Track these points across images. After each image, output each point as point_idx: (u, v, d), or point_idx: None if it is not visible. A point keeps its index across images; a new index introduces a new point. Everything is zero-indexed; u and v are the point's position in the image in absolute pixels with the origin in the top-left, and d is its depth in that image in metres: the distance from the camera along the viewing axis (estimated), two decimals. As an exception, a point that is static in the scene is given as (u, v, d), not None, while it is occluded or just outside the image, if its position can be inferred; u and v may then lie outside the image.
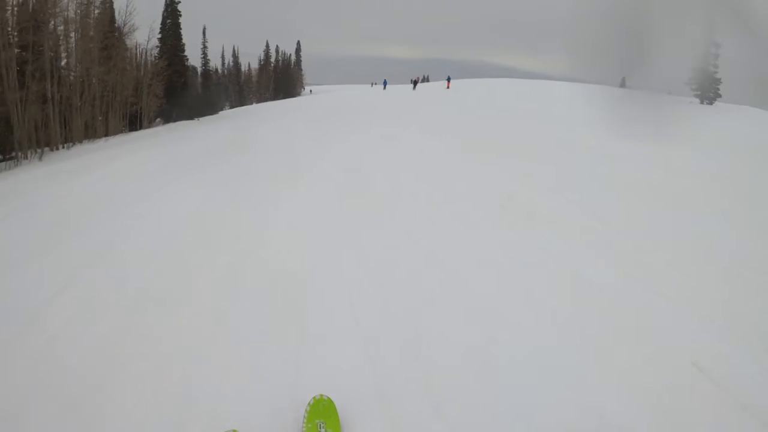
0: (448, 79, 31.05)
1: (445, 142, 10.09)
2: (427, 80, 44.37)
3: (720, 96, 20.31)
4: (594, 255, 3.98)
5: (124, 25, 22.59)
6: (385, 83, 35.26)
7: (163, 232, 4.96)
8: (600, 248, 4.13)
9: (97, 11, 21.49)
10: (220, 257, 4.10)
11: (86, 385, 2.46)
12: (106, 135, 20.45)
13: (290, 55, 50.25)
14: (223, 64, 46.52)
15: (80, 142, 18.60)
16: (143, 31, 26.22)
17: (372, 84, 44.77)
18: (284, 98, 42.08)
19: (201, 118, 25.38)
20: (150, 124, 24.79)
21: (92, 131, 19.57)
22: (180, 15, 28.49)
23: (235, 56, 47.38)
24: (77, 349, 2.78)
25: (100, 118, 20.17)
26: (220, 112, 32.34)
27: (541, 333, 2.82)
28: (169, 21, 28.44)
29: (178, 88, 25.35)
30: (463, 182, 6.66)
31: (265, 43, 49.05)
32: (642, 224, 4.82)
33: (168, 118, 25.40)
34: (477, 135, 11.48)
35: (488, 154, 8.84)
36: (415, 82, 33.36)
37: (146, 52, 24.66)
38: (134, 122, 23.63)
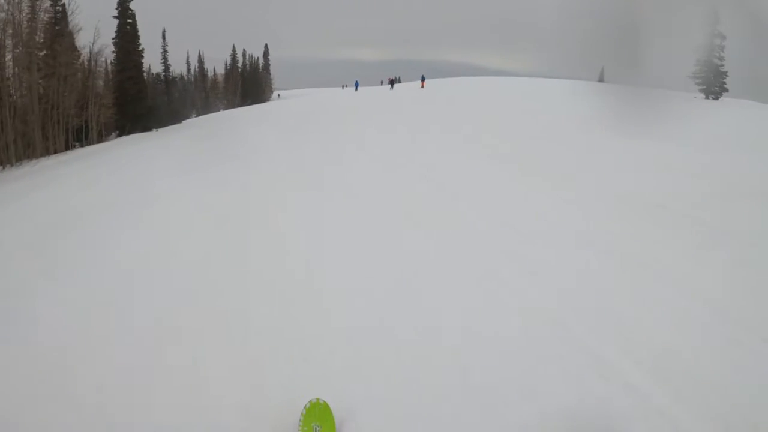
0: (423, 79, 30.26)
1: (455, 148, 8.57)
2: (399, 81, 43.01)
3: (727, 90, 19.34)
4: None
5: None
6: (356, 85, 34.52)
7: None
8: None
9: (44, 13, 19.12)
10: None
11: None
12: (47, 154, 18.01)
13: (258, 58, 48.00)
14: (188, 70, 43.86)
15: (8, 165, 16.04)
16: (88, 32, 23.42)
17: (343, 86, 43.19)
18: (253, 104, 39.91)
19: (160, 129, 23.07)
20: (103, 138, 22.27)
21: (23, 151, 16.99)
22: (132, 14, 26.02)
23: (200, 61, 44.80)
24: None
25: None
26: (184, 121, 30.08)
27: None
28: (119, 21, 25.92)
29: (131, 96, 22.86)
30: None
31: (231, 47, 46.44)
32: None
33: (122, 130, 22.90)
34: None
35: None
36: (392, 82, 32.75)
37: (92, 56, 22.08)
38: (84, 136, 21.18)
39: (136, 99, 22.88)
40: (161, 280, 3.70)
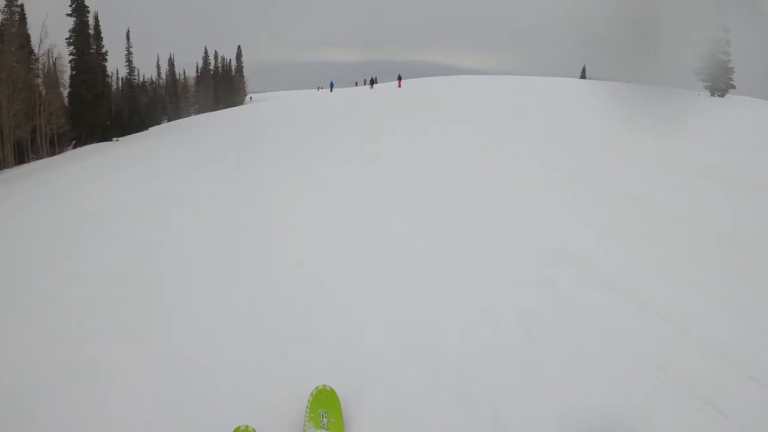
0: (399, 78, 30.92)
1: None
2: (377, 81, 42.19)
3: (734, 87, 18.48)
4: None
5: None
6: (331, 85, 34.58)
7: None
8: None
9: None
10: None
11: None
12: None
13: (230, 60, 45.83)
14: (158, 74, 41.38)
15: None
16: (35, 30, 20.97)
17: (318, 88, 42.81)
18: (226, 107, 37.98)
19: (121, 138, 20.89)
20: (57, 150, 19.91)
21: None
22: (88, 12, 23.71)
23: (171, 64, 42.36)
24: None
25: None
26: (152, 128, 27.96)
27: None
28: (75, 20, 23.54)
29: (87, 103, 20.58)
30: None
31: (203, 50, 44.05)
32: None
33: (78, 140, 20.58)
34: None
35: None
36: (372, 81, 32.75)
37: (39, 58, 19.75)
38: (35, 150, 18.88)
39: (93, 105, 20.60)
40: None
